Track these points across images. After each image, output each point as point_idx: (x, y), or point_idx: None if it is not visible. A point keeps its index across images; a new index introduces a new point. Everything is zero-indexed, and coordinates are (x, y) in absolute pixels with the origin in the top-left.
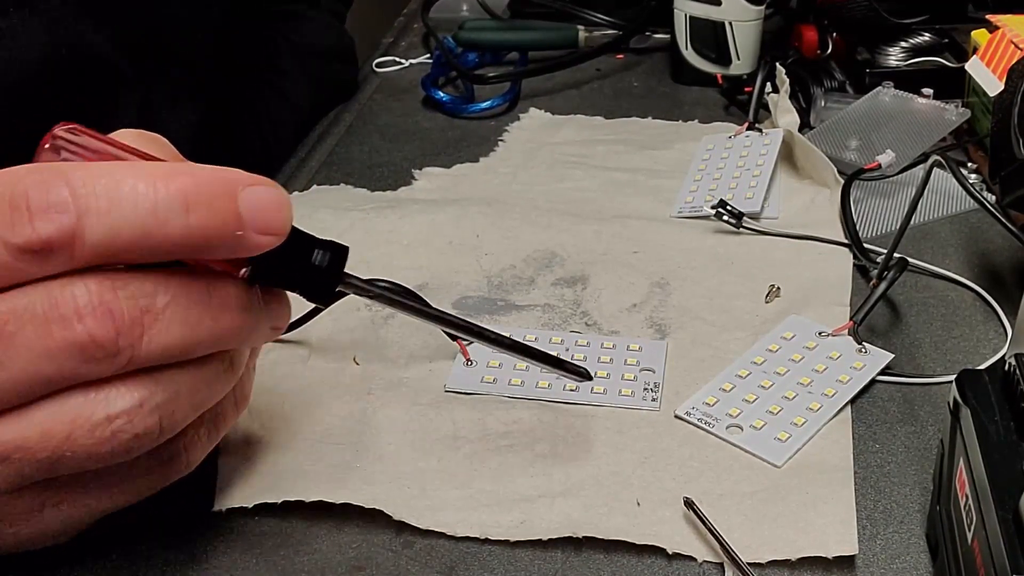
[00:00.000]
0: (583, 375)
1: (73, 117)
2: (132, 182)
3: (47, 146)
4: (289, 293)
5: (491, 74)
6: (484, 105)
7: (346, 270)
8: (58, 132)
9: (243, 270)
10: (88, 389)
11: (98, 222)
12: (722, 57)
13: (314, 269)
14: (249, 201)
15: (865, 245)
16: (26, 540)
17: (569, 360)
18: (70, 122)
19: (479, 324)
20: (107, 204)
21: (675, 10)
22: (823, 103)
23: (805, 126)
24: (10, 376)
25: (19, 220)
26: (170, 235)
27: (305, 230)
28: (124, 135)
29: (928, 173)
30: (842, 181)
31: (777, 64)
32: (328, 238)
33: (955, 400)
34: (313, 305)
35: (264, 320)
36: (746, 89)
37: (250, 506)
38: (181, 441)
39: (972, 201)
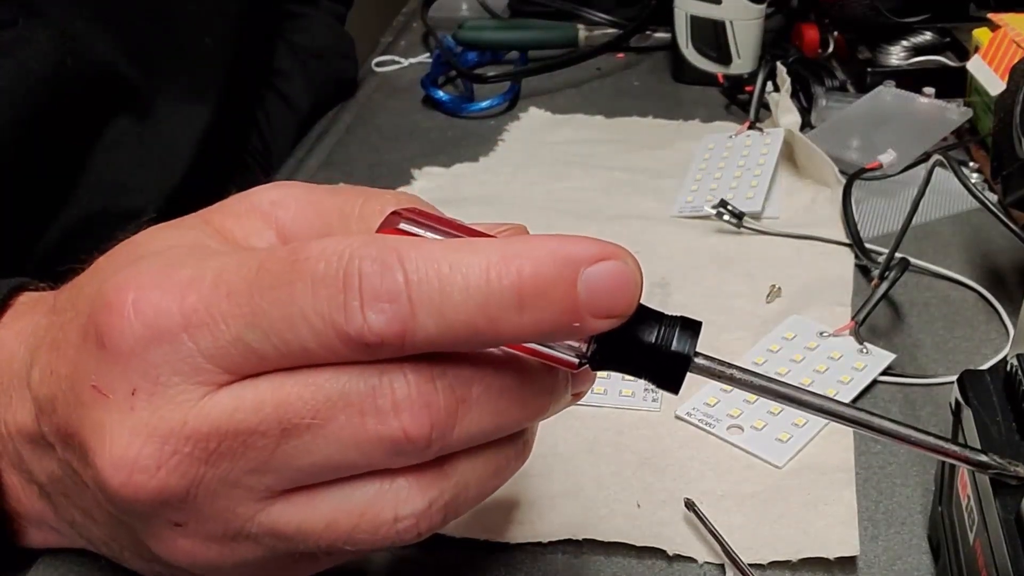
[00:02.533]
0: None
1: (78, 122)
2: (465, 271)
3: (389, 222)
4: None
5: (491, 73)
6: (484, 104)
7: (698, 348)
8: (401, 220)
9: (576, 358)
10: (380, 483)
11: (428, 318)
12: (723, 56)
13: (661, 351)
14: (591, 284)
15: (866, 245)
16: None
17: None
18: (411, 208)
19: (864, 409)
20: (439, 297)
21: (676, 9)
22: (824, 102)
23: (806, 125)
24: (316, 461)
25: (351, 306)
26: (500, 334)
27: (649, 305)
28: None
29: (930, 173)
30: (843, 180)
31: (778, 63)
32: (679, 313)
33: (957, 400)
34: None
35: (569, 392)
36: (747, 88)
37: None
38: None
39: (974, 201)
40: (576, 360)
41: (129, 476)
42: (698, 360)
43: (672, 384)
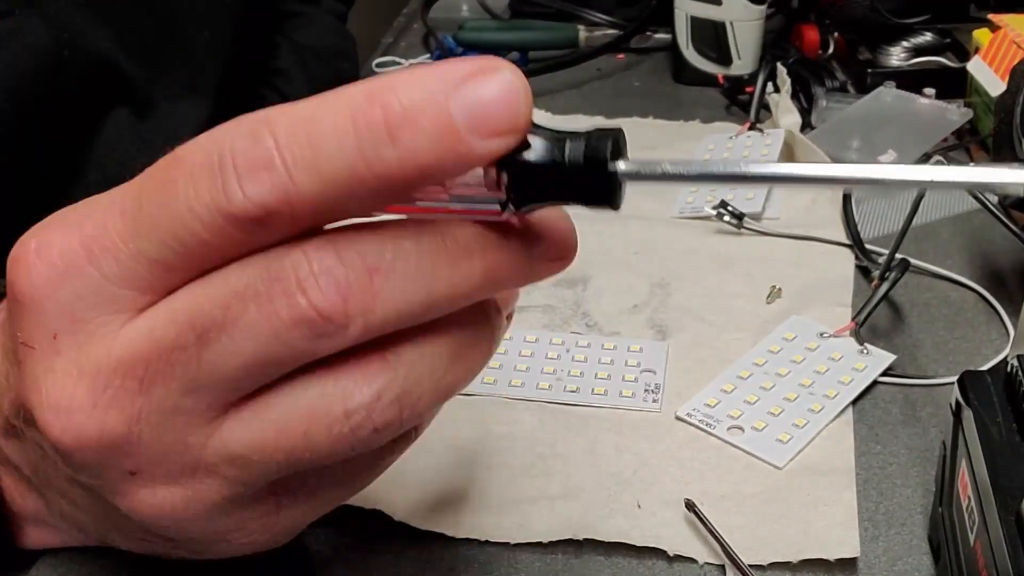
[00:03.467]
0: None
1: (75, 116)
2: (331, 118)
3: None
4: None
5: None
6: None
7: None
8: None
9: (497, 205)
10: (323, 381)
11: (306, 177)
12: (723, 57)
13: (580, 166)
14: (466, 101)
15: (867, 246)
16: (253, 545)
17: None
18: None
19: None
20: (311, 151)
21: (676, 10)
22: (824, 103)
23: (807, 126)
24: (239, 364)
25: (228, 183)
26: (381, 174)
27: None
28: None
29: None
30: None
31: (778, 64)
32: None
33: (957, 401)
34: None
35: (528, 253)
36: (747, 89)
37: None
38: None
39: (974, 201)
40: (497, 207)
41: (68, 421)
42: (621, 165)
43: (606, 197)
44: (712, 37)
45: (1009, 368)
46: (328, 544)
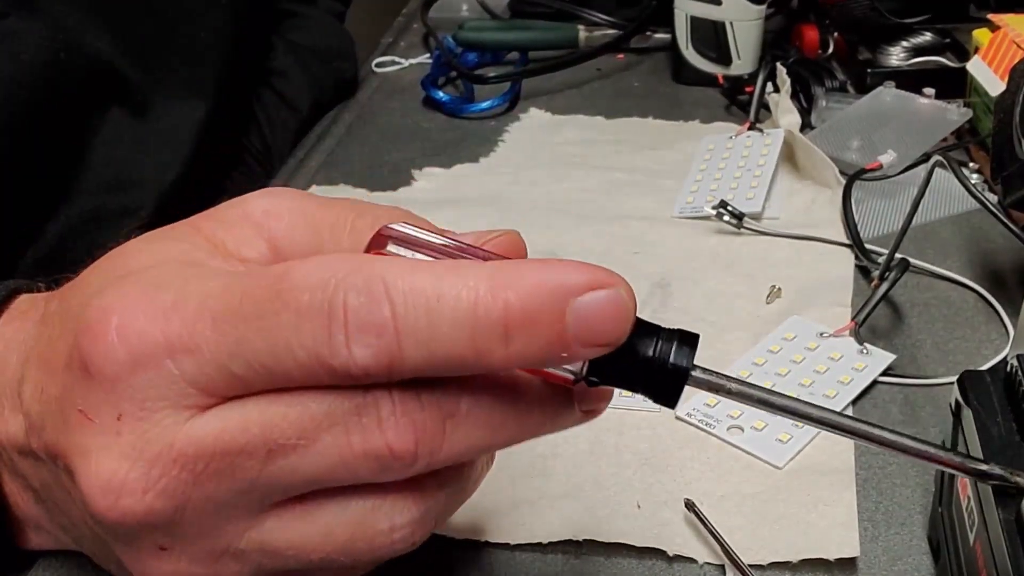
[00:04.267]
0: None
1: (73, 116)
2: (452, 304)
3: (378, 238)
4: None
5: (491, 74)
6: (484, 105)
7: (696, 361)
8: (391, 236)
9: (572, 375)
10: (376, 497)
11: (415, 350)
12: (723, 57)
13: (658, 366)
14: (580, 315)
15: (866, 245)
16: None
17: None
18: (404, 219)
19: (862, 420)
20: (427, 330)
21: (676, 10)
22: (824, 103)
23: (806, 126)
24: (303, 479)
25: (336, 339)
26: (487, 365)
27: (646, 319)
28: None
29: (930, 173)
30: (843, 181)
31: (778, 64)
32: (677, 327)
33: (957, 401)
34: None
35: (576, 409)
36: (747, 89)
37: None
38: None
39: (974, 201)
40: (572, 377)
41: (116, 500)
42: (695, 374)
43: (669, 398)
44: (712, 37)
45: (1009, 368)
46: None
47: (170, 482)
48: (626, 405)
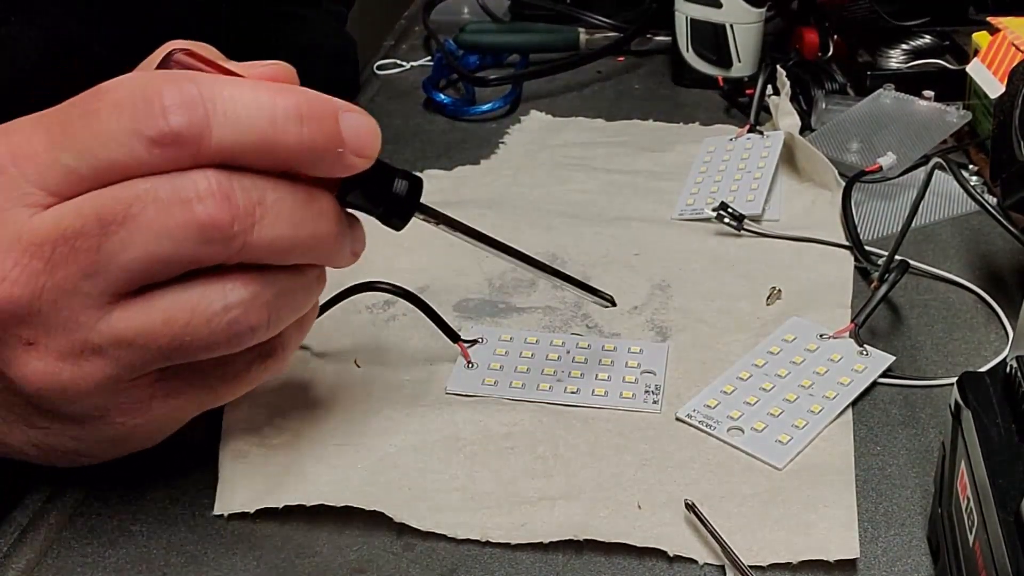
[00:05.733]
0: (608, 300)
1: None
2: (253, 93)
3: (167, 59)
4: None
5: (492, 76)
6: (485, 107)
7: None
8: (176, 55)
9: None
10: (207, 281)
11: (225, 123)
12: (723, 59)
13: (395, 194)
14: (349, 123)
15: (866, 247)
16: (128, 434)
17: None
18: (182, 44)
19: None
20: (232, 109)
21: (676, 12)
22: (824, 105)
23: (806, 128)
24: (134, 256)
25: (152, 113)
26: (286, 144)
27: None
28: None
29: (929, 175)
30: (843, 183)
31: (778, 66)
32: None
33: (956, 402)
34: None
35: (348, 241)
36: (747, 91)
37: (251, 511)
38: (279, 338)
39: (973, 203)
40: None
41: None
42: (423, 201)
43: (401, 220)
44: (712, 39)
45: (1008, 369)
46: (328, 544)
47: (23, 270)
48: (626, 406)
